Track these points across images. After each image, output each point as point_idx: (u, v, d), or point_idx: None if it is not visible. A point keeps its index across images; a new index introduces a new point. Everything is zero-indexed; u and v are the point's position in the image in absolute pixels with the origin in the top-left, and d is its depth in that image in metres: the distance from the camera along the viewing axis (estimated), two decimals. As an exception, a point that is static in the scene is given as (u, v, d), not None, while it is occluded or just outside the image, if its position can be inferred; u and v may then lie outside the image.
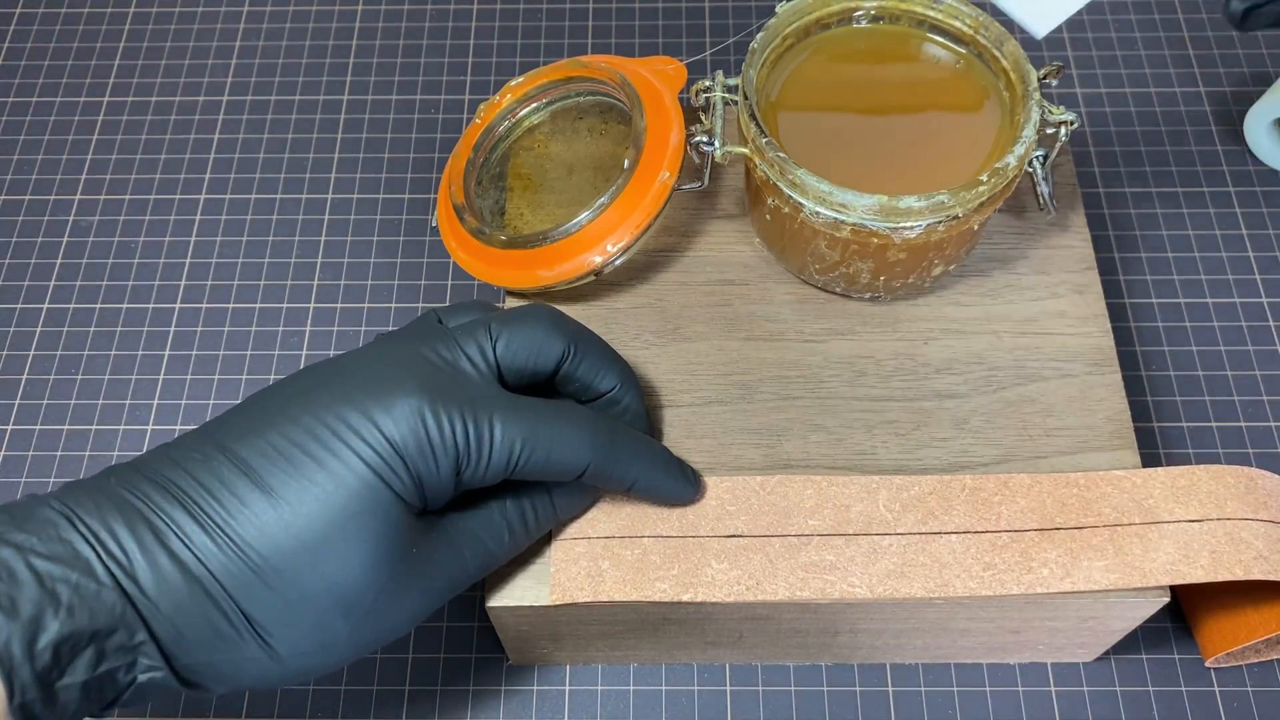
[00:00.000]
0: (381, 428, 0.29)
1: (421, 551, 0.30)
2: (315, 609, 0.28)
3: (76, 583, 0.26)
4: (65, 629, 0.26)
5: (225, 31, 0.59)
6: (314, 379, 0.31)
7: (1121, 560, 0.34)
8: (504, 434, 0.30)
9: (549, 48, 0.58)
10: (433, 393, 0.30)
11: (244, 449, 0.29)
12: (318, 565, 0.28)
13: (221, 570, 0.28)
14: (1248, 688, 0.41)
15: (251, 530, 0.28)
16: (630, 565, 0.34)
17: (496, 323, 0.33)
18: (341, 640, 0.29)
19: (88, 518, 0.28)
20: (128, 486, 0.28)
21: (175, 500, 0.28)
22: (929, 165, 0.37)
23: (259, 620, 0.28)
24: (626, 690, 0.42)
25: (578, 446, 0.31)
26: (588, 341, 0.34)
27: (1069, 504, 0.35)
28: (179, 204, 0.54)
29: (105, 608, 0.27)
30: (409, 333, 0.33)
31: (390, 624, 0.30)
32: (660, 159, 0.37)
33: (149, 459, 0.30)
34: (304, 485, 0.28)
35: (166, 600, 0.27)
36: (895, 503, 0.35)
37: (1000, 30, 0.38)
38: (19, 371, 0.49)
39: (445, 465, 0.29)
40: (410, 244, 0.52)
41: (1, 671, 0.25)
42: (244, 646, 0.28)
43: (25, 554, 0.26)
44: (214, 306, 0.51)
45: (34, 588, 0.26)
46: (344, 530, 0.28)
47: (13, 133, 0.56)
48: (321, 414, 0.29)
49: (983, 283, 0.40)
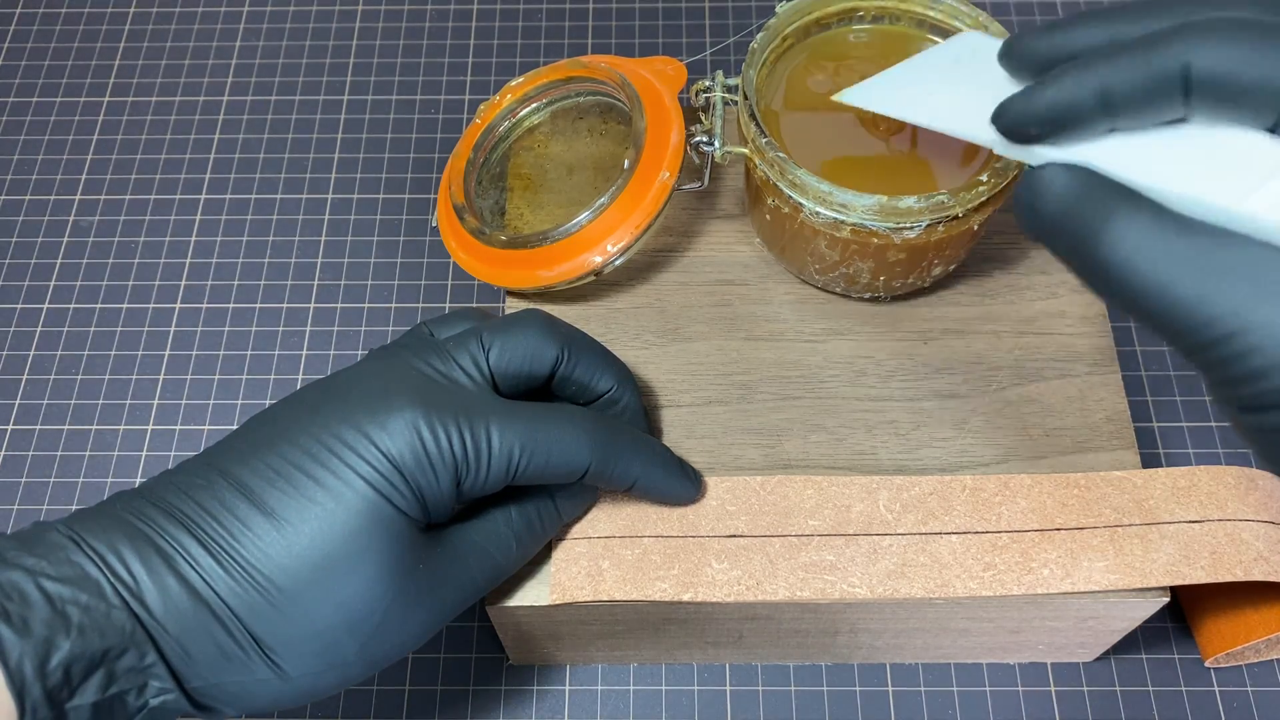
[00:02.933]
0: (378, 444, 0.29)
1: (428, 566, 0.30)
2: (322, 629, 0.28)
3: (87, 604, 0.26)
4: (76, 649, 0.26)
5: (225, 31, 0.59)
6: (309, 399, 0.31)
7: (1122, 561, 0.34)
8: (501, 441, 0.30)
9: (549, 48, 0.58)
10: (427, 405, 0.30)
11: (244, 472, 0.29)
12: (323, 585, 0.28)
13: (228, 593, 0.28)
14: (1248, 688, 0.41)
15: (256, 553, 0.28)
16: (630, 565, 0.34)
17: (488, 332, 0.33)
18: (350, 659, 0.29)
19: (95, 542, 0.28)
20: (134, 512, 0.29)
21: (181, 525, 0.28)
22: (929, 165, 0.37)
23: (266, 642, 0.28)
24: (626, 690, 0.42)
25: (577, 448, 0.31)
26: (581, 343, 0.34)
27: (1069, 504, 0.35)
28: (179, 204, 0.54)
29: (115, 629, 0.27)
30: (400, 346, 0.33)
31: (399, 640, 0.30)
32: (660, 159, 0.37)
33: (153, 485, 0.30)
34: (305, 506, 0.28)
35: (174, 622, 0.27)
36: (895, 503, 0.35)
37: (1000, 30, 0.38)
38: (19, 371, 0.49)
39: (445, 477, 0.29)
40: (410, 244, 0.52)
41: (13, 690, 0.25)
42: (253, 668, 0.28)
43: (36, 576, 0.26)
44: (214, 306, 0.51)
45: (45, 608, 0.26)
46: (347, 549, 0.28)
47: (13, 133, 0.56)
48: (318, 434, 0.29)
49: (983, 283, 0.40)
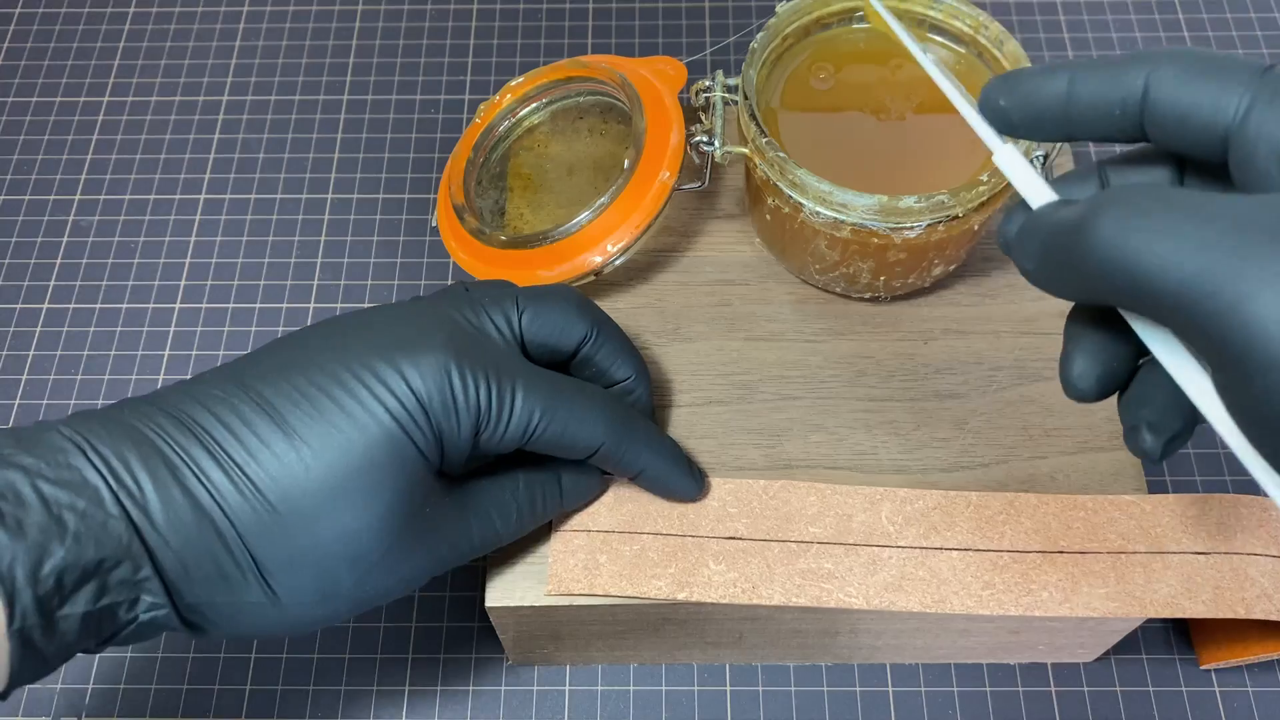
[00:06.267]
0: (409, 380, 0.29)
1: (433, 512, 0.30)
2: (323, 556, 0.28)
3: (84, 510, 0.26)
4: (70, 557, 0.25)
5: (225, 31, 0.59)
6: (344, 327, 0.31)
7: (1122, 589, 0.33)
8: (525, 400, 0.30)
9: (549, 48, 0.58)
10: (460, 352, 0.30)
11: (268, 390, 0.29)
12: (332, 511, 0.28)
13: (235, 509, 0.27)
14: (1248, 688, 0.41)
15: (270, 472, 0.28)
16: (627, 561, 0.34)
17: (524, 296, 0.33)
18: (344, 591, 0.29)
19: (101, 446, 0.27)
20: (143, 419, 0.28)
21: (193, 436, 0.28)
22: (929, 165, 0.37)
23: (265, 563, 0.28)
24: (626, 690, 0.42)
25: (593, 425, 0.32)
26: (609, 328, 0.35)
27: (1074, 527, 0.35)
28: (179, 204, 0.54)
29: (112, 538, 0.26)
30: (439, 296, 0.33)
31: (391, 582, 0.30)
32: (660, 159, 0.37)
33: (167, 393, 0.29)
34: (327, 430, 0.28)
35: (175, 536, 0.27)
36: (899, 515, 0.35)
37: (1000, 30, 0.38)
38: (19, 371, 0.49)
39: (466, 424, 0.30)
40: (410, 244, 0.52)
41: (3, 594, 0.24)
42: (247, 590, 0.28)
43: (32, 477, 0.26)
44: (214, 306, 0.50)
45: (40, 512, 0.25)
46: (362, 479, 0.28)
47: (13, 133, 0.56)
48: (350, 362, 0.29)
49: (983, 283, 0.40)
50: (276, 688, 0.42)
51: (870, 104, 0.39)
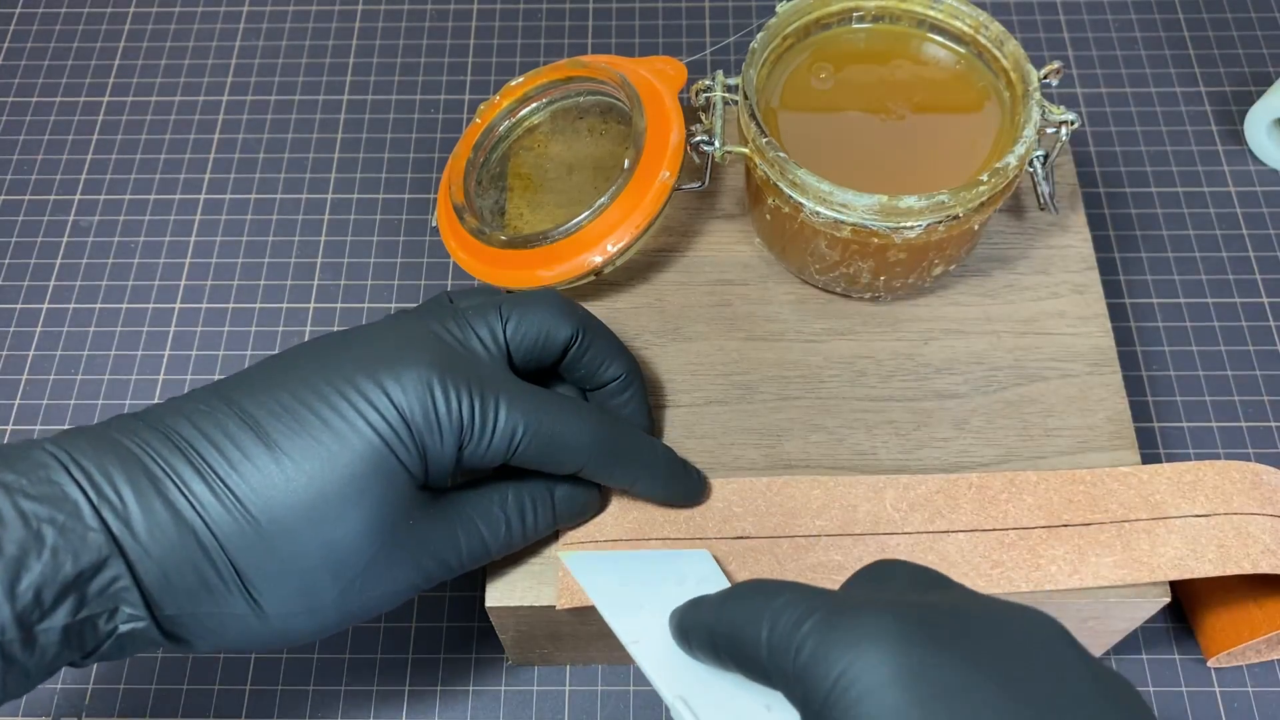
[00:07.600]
0: (391, 396, 0.29)
1: (418, 525, 0.30)
2: (307, 568, 0.28)
3: (63, 524, 0.26)
4: (48, 571, 0.26)
5: (225, 31, 0.59)
6: (327, 345, 0.31)
7: (1129, 556, 0.34)
8: (508, 415, 0.30)
9: (549, 48, 0.58)
10: (443, 367, 0.30)
11: (252, 404, 0.29)
12: (315, 523, 0.28)
13: (218, 520, 0.28)
14: (1248, 688, 0.41)
15: (252, 484, 0.28)
16: (632, 566, 0.34)
17: (507, 304, 0.33)
18: (328, 604, 0.29)
19: (84, 461, 0.27)
20: (128, 434, 0.28)
21: (176, 449, 0.28)
22: (929, 165, 0.37)
23: (249, 575, 0.28)
24: (626, 690, 0.42)
25: (577, 442, 0.32)
26: (595, 329, 0.34)
27: (1076, 500, 0.35)
28: (179, 204, 0.54)
29: (91, 551, 0.26)
30: (422, 310, 0.33)
31: (377, 595, 0.30)
32: (660, 159, 0.37)
33: (154, 409, 0.30)
34: (310, 444, 0.28)
35: (157, 547, 0.27)
36: (902, 502, 0.35)
37: (1000, 30, 0.38)
38: (19, 371, 0.49)
39: (449, 439, 0.30)
40: (410, 244, 0.52)
41: None
42: (230, 601, 0.28)
43: (13, 494, 0.26)
44: (214, 306, 0.50)
45: (19, 527, 0.26)
46: (345, 492, 0.28)
47: (13, 133, 0.56)
48: (333, 377, 0.29)
49: (983, 283, 0.40)
50: (276, 688, 0.42)
51: (870, 104, 0.39)
